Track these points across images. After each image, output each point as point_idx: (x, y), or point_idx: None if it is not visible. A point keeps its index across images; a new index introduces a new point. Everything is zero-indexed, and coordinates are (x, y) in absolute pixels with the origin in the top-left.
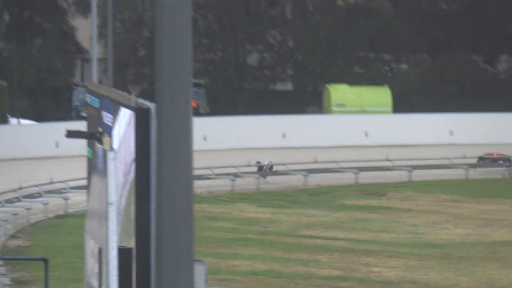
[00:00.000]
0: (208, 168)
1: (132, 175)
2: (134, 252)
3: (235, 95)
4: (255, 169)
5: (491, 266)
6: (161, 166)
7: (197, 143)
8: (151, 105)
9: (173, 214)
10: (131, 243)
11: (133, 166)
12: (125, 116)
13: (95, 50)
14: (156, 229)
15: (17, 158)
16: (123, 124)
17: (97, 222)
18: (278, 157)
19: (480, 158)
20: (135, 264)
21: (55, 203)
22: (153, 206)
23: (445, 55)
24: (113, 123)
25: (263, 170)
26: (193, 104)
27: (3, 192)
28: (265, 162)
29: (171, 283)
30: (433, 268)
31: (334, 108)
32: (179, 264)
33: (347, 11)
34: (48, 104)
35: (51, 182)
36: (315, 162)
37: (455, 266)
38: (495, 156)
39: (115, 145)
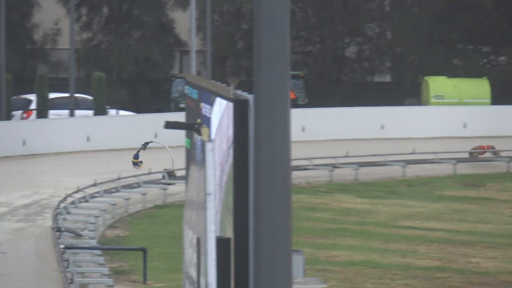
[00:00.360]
0: (306, 159)
1: (229, 165)
2: (232, 243)
3: (333, 86)
4: (353, 159)
5: None
6: (259, 157)
7: (295, 134)
8: (250, 97)
9: (271, 204)
10: (231, 233)
11: (230, 156)
12: (221, 107)
13: (194, 43)
14: (255, 219)
15: (116, 148)
16: (219, 114)
17: (195, 212)
18: (376, 148)
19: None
20: (234, 255)
21: (153, 193)
22: (251, 197)
23: None
24: (211, 114)
25: None
26: (292, 95)
27: (102, 183)
28: None
29: (270, 273)
30: None
31: (432, 100)
32: (277, 255)
33: (446, 4)
34: (147, 95)
35: (150, 173)
36: (414, 153)
37: None
38: (486, 149)
39: (213, 135)
